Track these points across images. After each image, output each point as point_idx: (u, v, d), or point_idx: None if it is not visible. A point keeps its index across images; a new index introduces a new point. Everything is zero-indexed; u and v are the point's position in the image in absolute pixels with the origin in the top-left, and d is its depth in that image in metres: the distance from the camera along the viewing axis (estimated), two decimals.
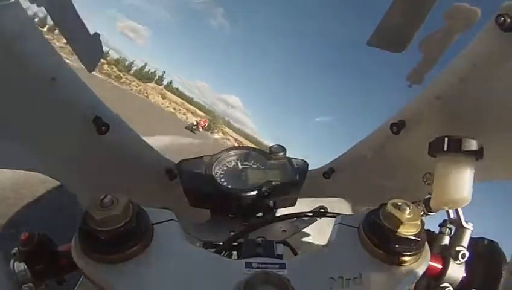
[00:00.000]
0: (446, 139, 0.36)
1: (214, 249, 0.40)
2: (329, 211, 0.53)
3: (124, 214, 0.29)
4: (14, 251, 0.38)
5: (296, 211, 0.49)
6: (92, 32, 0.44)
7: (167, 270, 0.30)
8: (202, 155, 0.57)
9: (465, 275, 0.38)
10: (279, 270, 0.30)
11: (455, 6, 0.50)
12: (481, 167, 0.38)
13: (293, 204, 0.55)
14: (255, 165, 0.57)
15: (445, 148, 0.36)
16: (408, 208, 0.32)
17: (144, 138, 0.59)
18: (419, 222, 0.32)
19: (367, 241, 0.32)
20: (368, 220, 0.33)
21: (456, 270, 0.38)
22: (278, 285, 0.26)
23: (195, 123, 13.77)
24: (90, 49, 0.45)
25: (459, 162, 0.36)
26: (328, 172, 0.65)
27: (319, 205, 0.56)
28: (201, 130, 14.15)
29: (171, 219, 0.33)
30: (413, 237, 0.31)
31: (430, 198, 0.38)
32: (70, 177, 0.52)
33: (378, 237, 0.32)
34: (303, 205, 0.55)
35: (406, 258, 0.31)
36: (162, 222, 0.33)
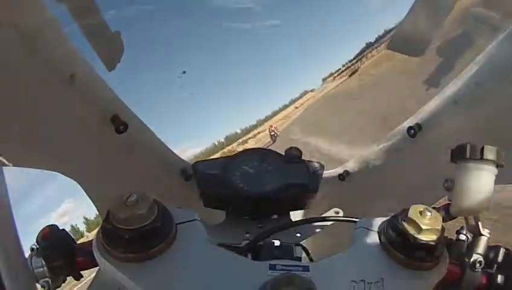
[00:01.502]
0: (468, 146, 0.36)
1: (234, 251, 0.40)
2: (343, 214, 0.53)
3: (149, 213, 0.29)
4: (32, 245, 0.38)
5: (311, 213, 0.49)
6: None
7: (190, 270, 0.30)
8: (218, 157, 0.57)
9: (481, 282, 0.38)
10: (302, 273, 0.30)
11: (473, 11, 0.50)
12: (499, 172, 0.38)
13: (309, 206, 0.55)
14: (271, 167, 0.57)
15: (468, 156, 0.36)
16: (430, 214, 0.32)
17: None
18: (439, 228, 0.32)
19: (388, 245, 0.32)
20: (390, 224, 0.33)
21: (473, 278, 0.38)
22: (303, 287, 0.26)
23: (272, 133, 16.08)
24: (110, 47, 0.46)
25: (481, 170, 0.36)
26: (343, 174, 0.65)
27: (334, 207, 0.55)
28: (278, 133, 16.44)
29: (195, 219, 0.34)
30: (433, 243, 0.31)
31: (449, 204, 0.38)
32: (87, 176, 0.52)
33: (399, 242, 0.32)
34: (318, 207, 0.55)
35: (426, 264, 0.32)
36: (186, 221, 0.33)
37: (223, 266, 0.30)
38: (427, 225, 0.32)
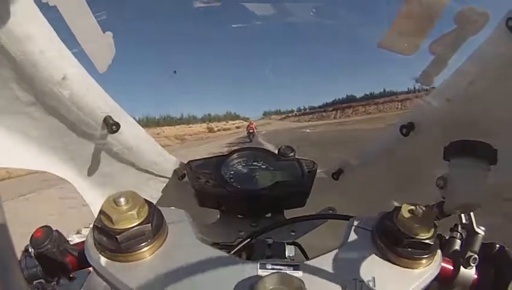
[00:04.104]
0: (461, 143, 0.36)
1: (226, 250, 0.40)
2: (337, 212, 0.54)
3: (140, 214, 0.30)
4: (25, 246, 0.38)
5: (305, 212, 0.49)
6: None
7: (181, 270, 0.30)
8: (211, 156, 0.57)
9: (475, 278, 0.38)
10: (293, 272, 0.30)
11: (466, 8, 0.50)
12: (493, 170, 0.38)
13: (303, 205, 0.55)
14: (264, 166, 0.57)
15: (460, 153, 0.36)
16: (422, 212, 0.32)
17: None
18: (432, 226, 0.32)
19: (380, 244, 0.32)
20: (382, 223, 0.33)
21: (467, 275, 0.38)
22: (292, 286, 0.26)
23: (250, 131, 15.07)
24: (102, 49, 0.46)
25: (474, 167, 0.35)
26: (336, 173, 0.65)
27: (328, 206, 0.56)
28: (255, 132, 15.75)
29: (185, 219, 0.34)
30: (426, 241, 0.32)
31: (443, 202, 0.38)
32: (80, 177, 0.53)
33: (391, 240, 0.32)
34: (312, 205, 0.55)
35: (419, 262, 0.32)
36: (177, 222, 0.33)
37: (213, 266, 0.30)
38: (419, 223, 0.32)
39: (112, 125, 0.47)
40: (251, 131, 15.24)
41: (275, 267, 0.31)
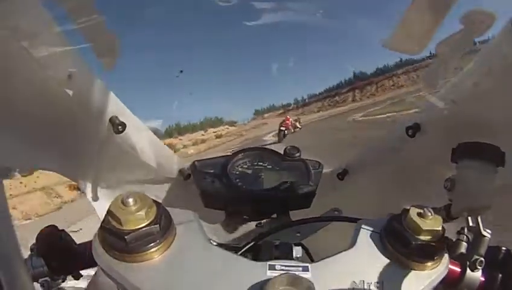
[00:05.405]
0: (469, 145, 0.36)
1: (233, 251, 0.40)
2: (342, 212, 0.53)
3: (148, 215, 0.29)
4: (32, 245, 0.38)
5: (311, 212, 0.49)
6: None
7: (189, 271, 0.30)
8: (216, 156, 0.57)
9: (482, 281, 0.38)
10: (302, 273, 0.30)
11: (472, 10, 0.49)
12: (500, 172, 0.38)
13: (308, 206, 0.55)
14: (270, 166, 0.57)
15: (468, 155, 0.36)
16: (430, 215, 0.32)
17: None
18: (440, 229, 0.32)
19: (388, 246, 0.33)
20: (390, 225, 0.33)
21: (473, 278, 0.38)
22: (302, 287, 0.26)
23: (282, 128, 9.83)
24: (108, 47, 0.46)
25: (481, 170, 0.35)
26: (342, 173, 0.65)
27: (333, 207, 0.55)
28: (299, 126, 10.40)
29: (194, 220, 0.34)
30: (434, 244, 0.32)
31: (450, 204, 0.38)
32: (85, 177, 0.53)
33: (399, 243, 0.32)
34: (317, 206, 0.55)
35: (427, 264, 0.32)
36: (185, 222, 0.33)
37: (221, 267, 0.30)
38: (427, 225, 0.32)
39: (117, 125, 0.47)
40: (283, 129, 9.85)
41: (284, 268, 0.31)
